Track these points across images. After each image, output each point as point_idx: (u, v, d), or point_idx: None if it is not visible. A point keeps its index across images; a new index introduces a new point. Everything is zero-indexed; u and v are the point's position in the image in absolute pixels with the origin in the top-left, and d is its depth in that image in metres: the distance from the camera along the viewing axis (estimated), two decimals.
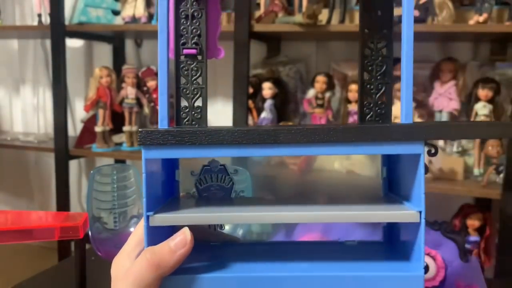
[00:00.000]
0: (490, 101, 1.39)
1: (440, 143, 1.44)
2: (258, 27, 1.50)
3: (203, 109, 0.41)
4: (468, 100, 1.43)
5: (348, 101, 1.53)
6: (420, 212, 0.34)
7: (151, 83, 1.74)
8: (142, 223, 0.38)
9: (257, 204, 0.42)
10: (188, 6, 0.39)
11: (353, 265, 0.38)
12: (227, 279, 0.35)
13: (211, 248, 0.43)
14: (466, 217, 1.40)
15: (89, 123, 1.82)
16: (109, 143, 1.80)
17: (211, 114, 2.14)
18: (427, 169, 0.36)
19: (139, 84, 1.78)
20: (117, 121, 1.80)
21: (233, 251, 0.43)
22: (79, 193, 2.22)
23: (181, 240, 0.36)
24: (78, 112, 2.15)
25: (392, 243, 0.43)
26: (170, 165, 0.44)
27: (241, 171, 0.49)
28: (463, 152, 1.47)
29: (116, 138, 1.83)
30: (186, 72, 0.40)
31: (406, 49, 0.36)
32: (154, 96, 1.74)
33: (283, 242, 0.45)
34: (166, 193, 0.43)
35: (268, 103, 1.59)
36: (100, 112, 1.77)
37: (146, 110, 1.77)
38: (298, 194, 0.47)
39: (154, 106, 1.74)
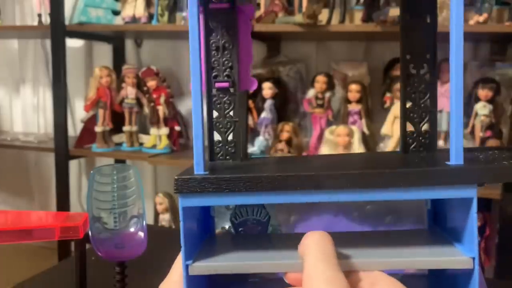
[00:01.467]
0: (490, 101, 1.39)
1: (440, 143, 1.44)
2: (258, 27, 1.50)
3: (237, 143, 0.39)
4: (468, 100, 1.43)
5: (348, 101, 1.53)
6: (474, 258, 0.32)
7: (151, 83, 1.74)
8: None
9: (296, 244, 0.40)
10: (218, 37, 0.37)
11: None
12: None
13: (249, 285, 0.41)
14: None
15: (89, 123, 1.82)
16: (109, 143, 1.80)
17: None
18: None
19: (139, 84, 1.78)
20: (117, 121, 1.80)
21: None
22: (79, 193, 2.22)
23: None
24: (78, 112, 2.15)
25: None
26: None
27: None
28: None
29: (116, 138, 1.83)
30: (218, 106, 0.38)
31: (455, 67, 0.35)
32: (154, 96, 1.74)
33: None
34: (201, 231, 0.41)
35: (268, 103, 1.60)
36: (100, 112, 1.77)
37: (146, 110, 1.77)
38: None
39: (154, 106, 1.74)
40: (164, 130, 1.74)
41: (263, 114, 1.60)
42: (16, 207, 2.36)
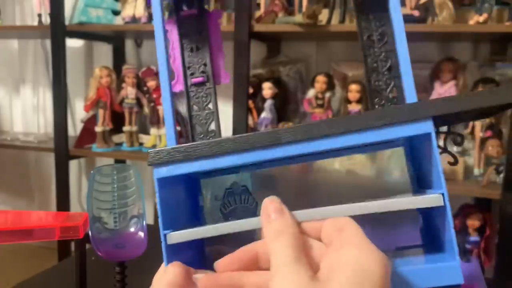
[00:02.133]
0: None
1: (440, 143, 1.44)
2: (258, 27, 1.50)
3: (217, 133, 0.42)
4: None
5: (348, 101, 1.53)
6: (443, 194, 0.33)
7: (151, 83, 1.74)
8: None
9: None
10: (191, 39, 0.41)
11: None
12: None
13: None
14: (466, 217, 1.40)
15: (89, 123, 1.82)
16: (109, 143, 1.80)
17: None
18: (456, 160, 0.35)
19: (139, 84, 1.78)
20: (117, 121, 1.80)
21: None
22: (79, 193, 2.22)
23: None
24: (78, 112, 2.15)
25: (431, 243, 0.41)
26: (193, 191, 0.44)
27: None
28: (463, 152, 1.47)
29: (116, 138, 1.83)
30: (197, 99, 0.41)
31: (397, 23, 0.37)
32: (154, 96, 1.74)
33: None
34: (191, 219, 0.42)
35: (268, 103, 1.60)
36: (100, 112, 1.77)
37: (146, 110, 1.77)
38: (311, 193, 0.45)
39: (154, 106, 1.74)
40: (164, 130, 1.74)
41: (263, 114, 1.60)
42: (16, 207, 2.36)
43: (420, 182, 0.41)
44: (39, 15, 1.86)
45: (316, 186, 0.42)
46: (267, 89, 1.59)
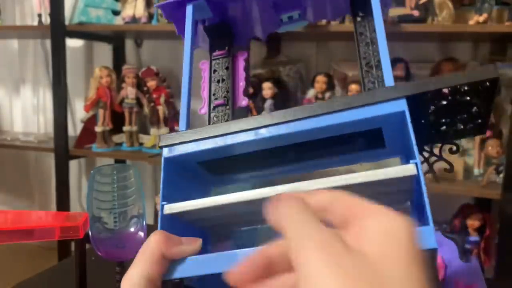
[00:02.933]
0: None
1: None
2: None
3: None
4: None
5: None
6: (416, 164, 0.34)
7: (151, 83, 1.74)
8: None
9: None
10: (218, 73, 0.49)
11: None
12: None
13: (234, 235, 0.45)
14: (466, 217, 1.40)
15: (89, 123, 1.82)
16: (109, 143, 1.80)
17: None
18: (451, 167, 0.36)
19: (139, 84, 1.78)
20: (117, 121, 1.80)
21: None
22: (79, 193, 2.22)
23: (191, 239, 0.36)
24: (78, 112, 2.15)
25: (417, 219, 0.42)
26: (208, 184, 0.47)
27: None
28: (463, 152, 1.47)
29: (116, 138, 1.83)
30: (216, 119, 0.46)
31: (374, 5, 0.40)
32: (154, 96, 1.74)
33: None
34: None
35: (268, 103, 1.60)
36: (100, 112, 1.77)
37: (146, 110, 1.77)
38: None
39: (154, 106, 1.74)
40: (164, 130, 1.74)
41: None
42: (16, 207, 2.36)
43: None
44: (39, 15, 1.87)
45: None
46: (267, 89, 1.59)
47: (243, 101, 0.49)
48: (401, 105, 0.36)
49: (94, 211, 0.53)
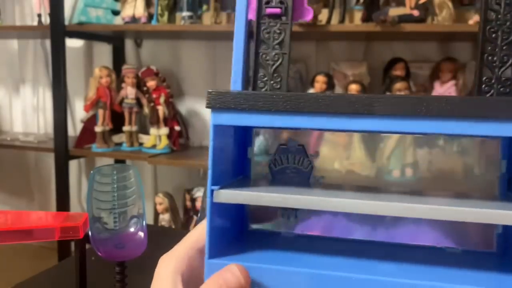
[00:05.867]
0: None
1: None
2: None
3: (283, 79, 0.35)
4: None
5: None
6: None
7: (151, 83, 1.74)
8: (201, 225, 0.34)
9: (344, 190, 0.36)
10: None
11: (455, 275, 0.31)
12: (301, 274, 0.31)
13: (283, 239, 0.39)
14: None
15: (89, 123, 1.82)
16: (109, 143, 1.80)
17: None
18: None
19: (139, 84, 1.78)
20: (117, 121, 1.80)
21: (307, 244, 0.38)
22: (79, 193, 2.22)
23: (234, 281, 0.31)
24: (78, 112, 2.15)
25: (509, 255, 0.35)
26: (242, 141, 0.39)
27: None
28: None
29: (116, 138, 1.83)
30: (267, 35, 0.35)
31: None
32: (154, 96, 1.74)
33: (364, 241, 0.39)
34: (236, 172, 0.38)
35: None
36: (100, 112, 1.77)
37: (146, 110, 1.77)
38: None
39: (154, 106, 1.74)
40: (164, 130, 1.74)
41: None
42: (16, 207, 2.36)
43: None
44: (39, 15, 1.86)
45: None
46: None
47: (309, 13, 0.36)
48: None
49: (94, 211, 0.53)
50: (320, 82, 1.54)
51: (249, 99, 0.30)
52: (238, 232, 0.39)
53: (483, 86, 0.34)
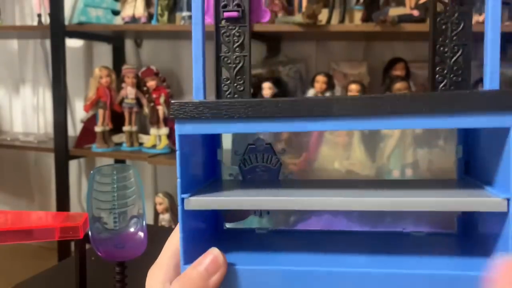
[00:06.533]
0: None
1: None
2: (257, 27, 1.50)
3: (246, 81, 0.36)
4: None
5: None
6: (508, 200, 0.29)
7: (150, 83, 1.74)
8: (176, 230, 0.35)
9: (311, 188, 0.37)
10: None
11: (422, 260, 0.33)
12: (277, 272, 0.32)
13: (257, 236, 0.40)
14: None
15: (89, 123, 1.82)
16: (109, 143, 1.80)
17: None
18: None
19: (139, 84, 1.78)
20: (117, 121, 1.80)
21: (281, 240, 0.39)
22: (79, 193, 2.22)
23: (213, 263, 0.32)
24: (78, 112, 2.15)
25: (468, 236, 0.37)
26: (211, 143, 0.40)
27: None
28: None
29: (116, 138, 1.83)
30: (227, 38, 0.35)
31: None
32: (154, 96, 1.74)
33: (337, 231, 0.40)
34: (206, 175, 0.39)
35: None
36: (100, 112, 1.77)
37: (146, 110, 1.77)
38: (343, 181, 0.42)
39: (154, 106, 1.74)
40: (164, 130, 1.74)
41: None
42: (16, 207, 2.36)
43: (470, 170, 0.38)
44: (39, 15, 1.86)
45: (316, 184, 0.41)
46: (267, 89, 1.59)
47: (265, 14, 0.36)
48: (508, 121, 0.29)
49: (94, 211, 0.53)
50: (320, 82, 1.54)
51: (211, 107, 0.31)
52: (213, 232, 0.40)
53: (437, 76, 0.36)
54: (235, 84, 0.36)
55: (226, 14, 0.35)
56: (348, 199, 0.32)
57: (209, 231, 0.39)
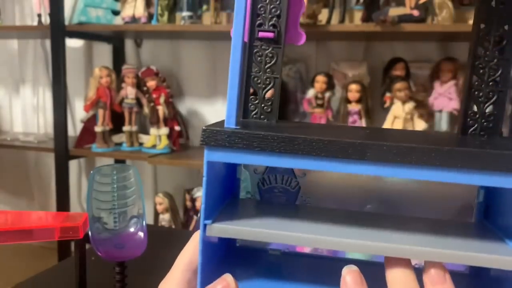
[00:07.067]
0: None
1: None
2: None
3: (274, 102, 0.36)
4: None
5: (348, 101, 1.53)
6: None
7: (151, 83, 1.74)
8: (191, 242, 0.35)
9: (331, 220, 0.36)
10: None
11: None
12: None
13: (269, 258, 0.40)
14: None
15: (89, 123, 1.82)
16: (109, 143, 1.80)
17: (211, 114, 2.11)
18: None
19: (139, 84, 1.78)
20: (117, 121, 1.80)
21: (292, 265, 0.39)
22: (79, 193, 2.22)
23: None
24: (78, 112, 2.15)
25: (480, 277, 0.37)
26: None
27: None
28: None
29: (116, 138, 1.83)
30: (259, 58, 0.35)
31: None
32: (154, 96, 1.74)
33: (350, 259, 0.40)
34: (225, 193, 0.39)
35: None
36: (100, 112, 1.77)
37: (146, 110, 1.77)
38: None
39: (154, 106, 1.74)
40: (164, 130, 1.74)
41: None
42: (16, 207, 2.36)
43: (488, 215, 0.37)
44: (39, 15, 1.86)
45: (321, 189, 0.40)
46: None
47: (301, 37, 0.35)
48: None
49: (94, 211, 0.53)
50: (320, 82, 1.54)
51: (244, 138, 0.31)
52: (227, 251, 0.40)
53: (468, 120, 0.35)
54: (263, 105, 0.36)
55: (261, 34, 0.34)
56: (367, 244, 0.31)
57: (223, 249, 0.39)
